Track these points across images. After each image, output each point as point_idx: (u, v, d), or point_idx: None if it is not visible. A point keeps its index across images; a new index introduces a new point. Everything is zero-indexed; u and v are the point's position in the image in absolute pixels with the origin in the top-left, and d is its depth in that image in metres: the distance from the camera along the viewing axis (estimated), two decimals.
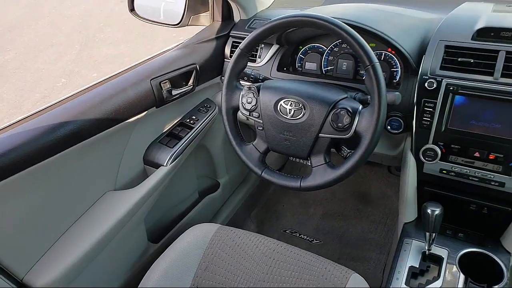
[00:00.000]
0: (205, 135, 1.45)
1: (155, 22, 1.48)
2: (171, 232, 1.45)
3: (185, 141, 1.30)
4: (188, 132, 1.33)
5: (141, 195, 1.17)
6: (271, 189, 2.09)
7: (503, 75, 0.95)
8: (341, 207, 1.95)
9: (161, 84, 1.21)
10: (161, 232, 1.44)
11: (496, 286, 0.97)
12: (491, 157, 0.98)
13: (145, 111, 1.20)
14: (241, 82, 1.12)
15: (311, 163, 1.00)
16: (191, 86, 1.33)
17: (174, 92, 1.26)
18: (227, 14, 1.48)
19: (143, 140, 1.27)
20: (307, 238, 1.82)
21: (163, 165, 1.24)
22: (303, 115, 0.97)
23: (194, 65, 1.32)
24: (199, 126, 1.36)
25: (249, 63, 1.27)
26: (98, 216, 1.11)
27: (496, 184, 1.00)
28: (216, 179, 1.70)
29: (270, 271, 1.00)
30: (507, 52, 0.96)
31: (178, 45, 1.41)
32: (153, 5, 1.47)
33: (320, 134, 0.96)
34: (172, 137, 1.31)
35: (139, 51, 4.82)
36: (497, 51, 0.96)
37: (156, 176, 1.22)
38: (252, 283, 0.99)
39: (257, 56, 1.35)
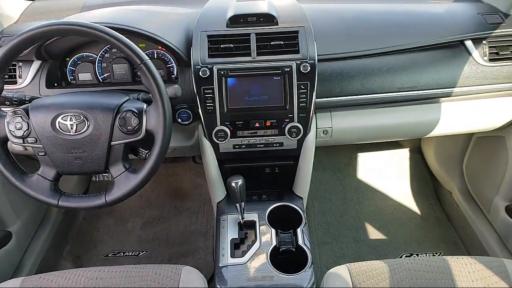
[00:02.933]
0: None
1: None
2: None
3: None
4: None
5: None
6: (80, 217, 1.89)
7: (258, 54, 1.11)
8: (159, 211, 1.94)
9: None
10: None
11: (299, 228, 1.16)
12: (268, 124, 1.15)
13: None
14: (1, 108, 0.96)
15: (111, 174, 0.96)
16: None
17: None
18: None
19: None
20: (132, 254, 1.74)
21: None
22: (88, 127, 0.91)
23: None
24: None
25: (8, 86, 1.11)
26: None
27: (277, 145, 1.18)
28: (4, 229, 1.43)
29: None
30: (256, 34, 1.12)
31: None
32: None
33: (112, 143, 0.93)
34: None
35: None
36: (249, 34, 1.12)
37: None
38: None
39: (17, 76, 1.17)
